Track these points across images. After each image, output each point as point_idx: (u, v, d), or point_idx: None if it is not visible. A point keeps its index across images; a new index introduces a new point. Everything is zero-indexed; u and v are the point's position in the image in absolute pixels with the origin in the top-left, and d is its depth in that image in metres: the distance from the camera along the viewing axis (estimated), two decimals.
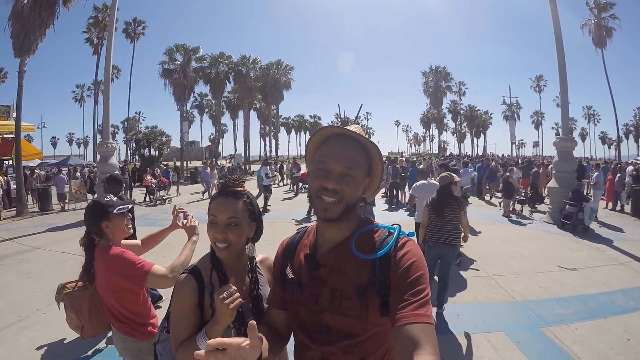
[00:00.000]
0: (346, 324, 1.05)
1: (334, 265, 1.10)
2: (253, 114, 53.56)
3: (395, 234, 1.07)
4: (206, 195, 16.05)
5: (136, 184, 19.67)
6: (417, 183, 6.26)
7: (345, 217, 1.08)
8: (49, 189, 14.64)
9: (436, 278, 4.89)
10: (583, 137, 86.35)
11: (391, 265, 1.01)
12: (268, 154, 50.95)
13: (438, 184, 4.92)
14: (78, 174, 23.43)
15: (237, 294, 1.15)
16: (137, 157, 29.07)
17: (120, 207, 2.18)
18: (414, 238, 1.12)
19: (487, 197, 15.26)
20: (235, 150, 53.38)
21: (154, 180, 15.32)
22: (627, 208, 12.32)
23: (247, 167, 36.32)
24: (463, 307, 4.70)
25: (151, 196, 15.45)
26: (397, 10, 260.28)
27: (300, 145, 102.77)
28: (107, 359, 3.64)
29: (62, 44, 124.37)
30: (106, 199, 2.21)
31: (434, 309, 4.40)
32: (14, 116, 13.89)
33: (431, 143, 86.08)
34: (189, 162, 38.58)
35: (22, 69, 13.50)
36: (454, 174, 4.95)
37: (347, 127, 1.10)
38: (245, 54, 39.16)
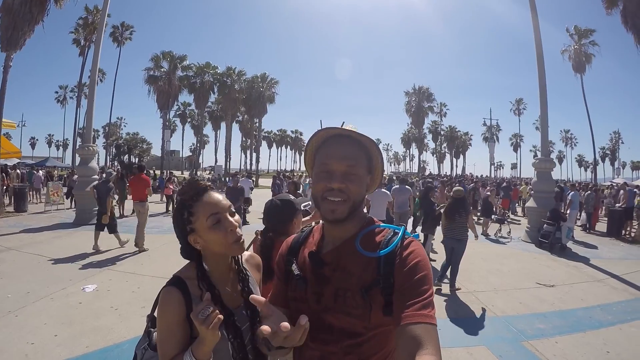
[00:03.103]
0: (349, 323, 1.04)
1: (338, 263, 1.09)
2: (235, 126, 53.32)
3: (400, 234, 1.07)
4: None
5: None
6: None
7: (352, 216, 1.08)
8: (26, 189, 14.21)
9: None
10: (560, 159, 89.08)
11: (396, 264, 1.00)
12: (249, 167, 50.54)
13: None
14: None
15: (216, 312, 1.04)
16: (116, 163, 28.48)
17: (305, 204, 2.40)
18: (419, 240, 1.13)
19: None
20: (216, 161, 52.92)
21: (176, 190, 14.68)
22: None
23: (254, 180, 32.01)
24: (444, 322, 4.70)
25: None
26: (382, 30, 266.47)
27: (280, 159, 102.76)
28: None
29: (48, 43, 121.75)
30: (292, 197, 2.36)
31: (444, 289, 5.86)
32: None
33: (411, 162, 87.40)
34: (168, 172, 38.13)
35: (8, 63, 13.24)
36: (463, 189, 6.57)
37: (343, 127, 1.11)
38: (231, 66, 39.20)
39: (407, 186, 9.88)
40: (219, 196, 1.25)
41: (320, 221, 1.23)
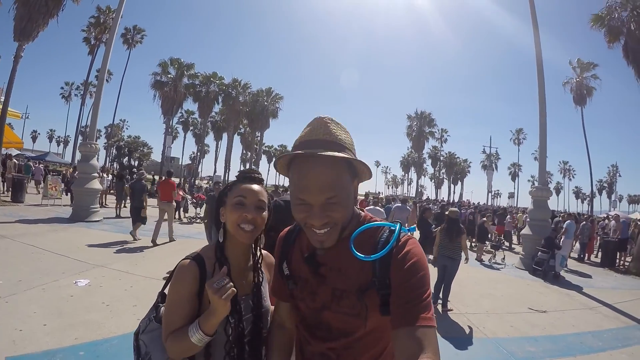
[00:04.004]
0: (346, 322, 1.04)
1: (333, 264, 1.07)
2: (237, 138, 53.31)
3: (395, 232, 1.02)
4: None
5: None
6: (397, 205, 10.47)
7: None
8: (25, 180, 14.20)
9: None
10: (558, 190, 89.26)
11: (392, 264, 0.97)
12: None
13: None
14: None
15: (230, 284, 1.09)
16: (115, 164, 28.47)
17: None
18: (415, 233, 1.12)
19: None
20: (215, 171, 52.86)
21: (188, 197, 14.24)
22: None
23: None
24: None
25: (185, 213, 14.67)
26: (388, 52, 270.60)
27: (279, 175, 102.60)
28: (70, 354, 3.46)
29: (58, 38, 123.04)
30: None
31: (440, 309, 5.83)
32: (1, 100, 13.53)
33: (409, 186, 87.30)
34: (189, 179, 37.94)
35: (19, 53, 13.39)
36: (458, 210, 6.92)
37: (309, 139, 1.01)
38: (237, 78, 39.29)
39: (407, 207, 11.10)
40: (258, 189, 1.32)
41: None
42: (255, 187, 1.31)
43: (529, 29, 12.13)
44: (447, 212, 6.87)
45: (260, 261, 1.40)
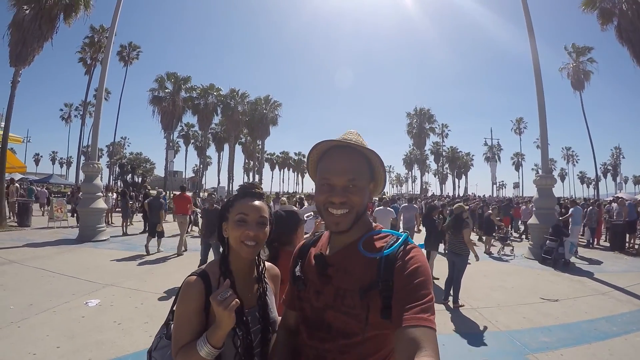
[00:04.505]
0: (346, 322, 1.05)
1: (340, 264, 1.12)
2: (238, 148, 53.61)
3: (402, 239, 1.08)
4: None
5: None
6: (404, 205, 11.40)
7: (356, 224, 1.12)
8: (30, 204, 14.30)
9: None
10: (562, 177, 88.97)
11: (396, 267, 1.01)
12: None
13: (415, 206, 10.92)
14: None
15: (233, 296, 1.12)
16: (119, 182, 28.62)
17: (307, 214, 2.44)
18: (423, 250, 1.13)
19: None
20: (219, 183, 52.98)
21: (197, 210, 14.06)
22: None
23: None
24: (448, 338, 4.67)
25: (195, 227, 14.72)
26: (384, 52, 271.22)
27: (283, 182, 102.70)
28: None
29: (54, 60, 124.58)
30: (295, 209, 2.46)
31: (451, 304, 5.91)
32: (2, 126, 13.66)
33: (413, 184, 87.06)
34: (172, 192, 38.14)
35: (16, 78, 13.49)
36: (463, 205, 6.79)
37: (343, 138, 1.13)
38: (235, 88, 39.62)
39: (414, 205, 11.67)
40: (259, 205, 1.35)
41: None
42: (257, 203, 1.34)
43: (521, 18, 12.09)
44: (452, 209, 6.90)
45: (263, 272, 1.42)
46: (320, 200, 1.11)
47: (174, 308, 1.33)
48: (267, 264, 1.53)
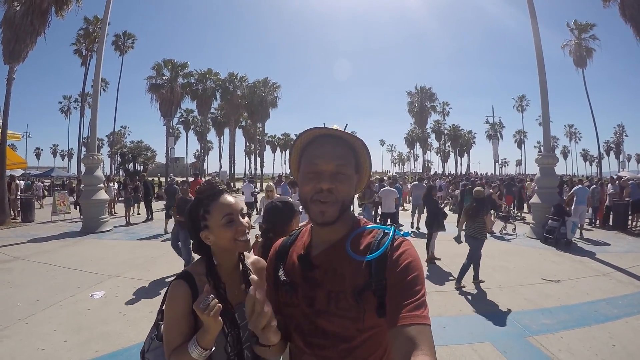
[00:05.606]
0: (343, 326, 1.03)
1: (329, 266, 1.07)
2: (239, 132, 53.36)
3: (390, 235, 1.05)
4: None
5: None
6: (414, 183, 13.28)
7: (341, 217, 1.07)
8: (32, 200, 14.37)
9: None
10: (565, 155, 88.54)
11: (387, 265, 0.99)
12: (253, 172, 50.55)
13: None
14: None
15: (215, 301, 1.11)
16: (121, 171, 28.68)
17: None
18: (409, 238, 1.10)
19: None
20: (221, 167, 53.08)
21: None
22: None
23: (233, 184, 36.01)
24: (449, 320, 4.72)
25: None
26: (384, 31, 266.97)
27: (285, 164, 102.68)
28: None
29: (50, 54, 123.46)
30: (290, 199, 2.47)
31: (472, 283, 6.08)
32: (0, 123, 13.63)
33: (415, 162, 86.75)
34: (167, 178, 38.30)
35: (11, 76, 13.41)
36: (483, 189, 6.88)
37: (330, 127, 1.10)
38: (233, 72, 39.01)
39: (423, 184, 12.33)
40: (232, 199, 1.35)
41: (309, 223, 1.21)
42: (230, 198, 1.35)
43: None
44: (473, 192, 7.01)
45: (247, 266, 1.43)
46: (307, 190, 1.07)
47: (163, 309, 1.35)
48: (253, 257, 1.53)
